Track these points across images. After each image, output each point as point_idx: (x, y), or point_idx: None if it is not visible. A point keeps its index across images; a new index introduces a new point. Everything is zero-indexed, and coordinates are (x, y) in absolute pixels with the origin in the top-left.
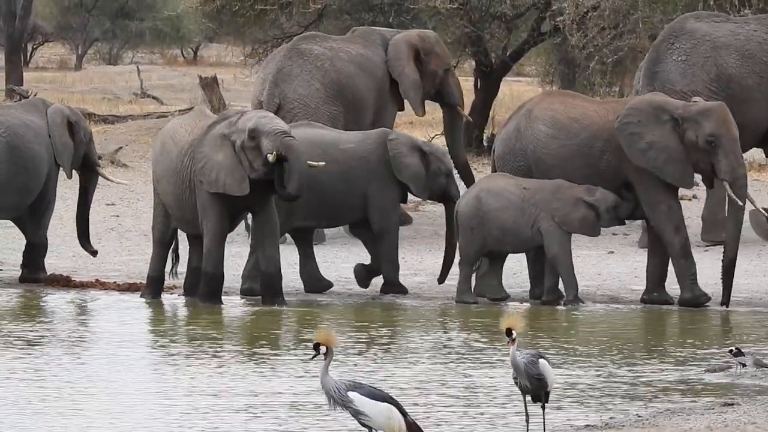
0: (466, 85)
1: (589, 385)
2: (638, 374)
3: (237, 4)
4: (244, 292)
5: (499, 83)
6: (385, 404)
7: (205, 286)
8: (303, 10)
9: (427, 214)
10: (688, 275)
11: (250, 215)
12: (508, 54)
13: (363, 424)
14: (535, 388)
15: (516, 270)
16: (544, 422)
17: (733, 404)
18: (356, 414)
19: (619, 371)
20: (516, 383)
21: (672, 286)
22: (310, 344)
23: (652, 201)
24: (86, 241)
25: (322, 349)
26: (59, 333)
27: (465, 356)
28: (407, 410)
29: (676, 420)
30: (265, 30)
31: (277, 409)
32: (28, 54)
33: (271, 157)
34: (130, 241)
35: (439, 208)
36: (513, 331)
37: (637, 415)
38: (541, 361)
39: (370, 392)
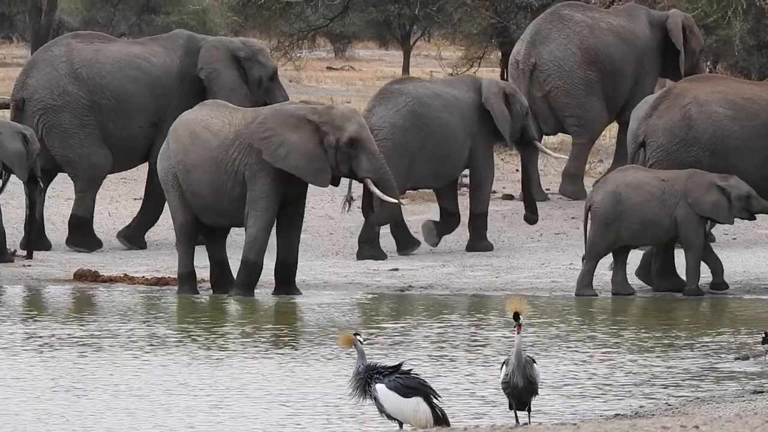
0: (493, 77)
1: (618, 374)
2: (667, 363)
3: None
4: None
5: None
6: (413, 399)
7: (245, 275)
8: (328, 3)
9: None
10: None
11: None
12: None
13: (389, 417)
14: (524, 390)
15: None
16: (529, 418)
17: (762, 392)
18: (380, 409)
19: (648, 360)
20: (506, 384)
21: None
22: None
23: None
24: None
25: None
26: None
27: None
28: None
29: (705, 408)
30: (290, 23)
31: None
32: None
33: (371, 186)
34: (157, 235)
35: (465, 200)
36: (520, 316)
37: (666, 403)
38: (535, 365)
39: (396, 385)
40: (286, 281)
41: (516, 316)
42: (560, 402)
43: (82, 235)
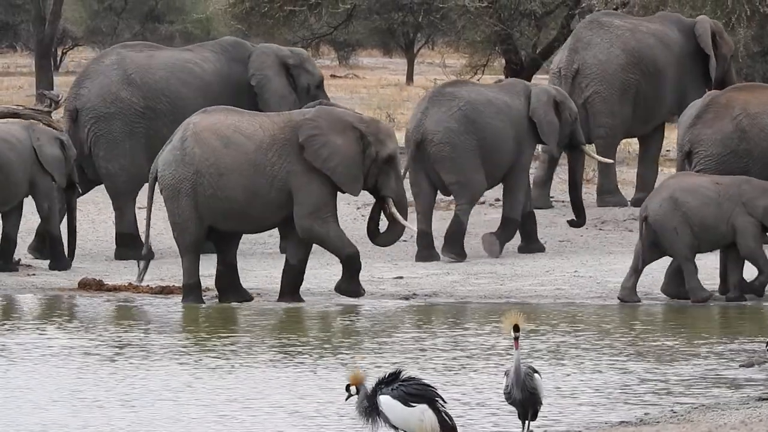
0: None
1: (623, 381)
2: (672, 370)
3: (266, 5)
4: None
5: (530, 81)
6: (417, 408)
7: (348, 270)
8: (332, 11)
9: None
10: None
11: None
12: (538, 51)
13: (394, 428)
14: (526, 402)
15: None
16: (525, 427)
17: (767, 399)
18: (386, 421)
19: (653, 367)
20: (507, 395)
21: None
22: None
23: None
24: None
25: (353, 389)
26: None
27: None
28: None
29: (710, 415)
30: (294, 31)
31: None
32: (58, 58)
33: (392, 206)
34: (162, 243)
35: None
36: (519, 330)
37: (671, 410)
38: (536, 375)
39: (399, 394)
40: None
41: (516, 328)
42: (565, 409)
43: (132, 249)
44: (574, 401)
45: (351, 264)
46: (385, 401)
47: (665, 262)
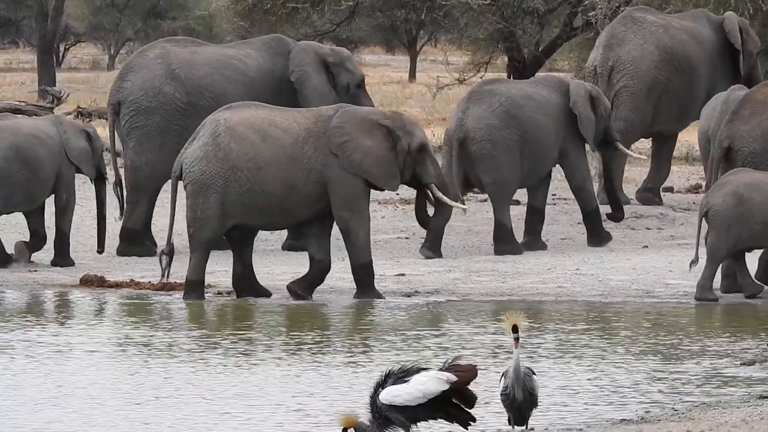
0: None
1: (624, 379)
2: (673, 368)
3: (269, 2)
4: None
5: None
6: (415, 377)
7: (366, 276)
8: (335, 8)
9: (461, 212)
10: None
11: None
12: (540, 49)
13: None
14: (524, 403)
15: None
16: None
17: None
18: (403, 422)
19: (654, 365)
20: (505, 397)
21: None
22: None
23: None
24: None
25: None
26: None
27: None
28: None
29: (711, 413)
30: (297, 28)
31: None
32: (60, 54)
33: (436, 191)
34: (164, 240)
35: (474, 205)
36: (518, 330)
37: (673, 408)
38: (534, 376)
39: (395, 381)
40: (312, 286)
41: (515, 328)
42: (566, 408)
43: (134, 245)
44: (576, 399)
45: (362, 273)
46: (385, 394)
47: (664, 260)
